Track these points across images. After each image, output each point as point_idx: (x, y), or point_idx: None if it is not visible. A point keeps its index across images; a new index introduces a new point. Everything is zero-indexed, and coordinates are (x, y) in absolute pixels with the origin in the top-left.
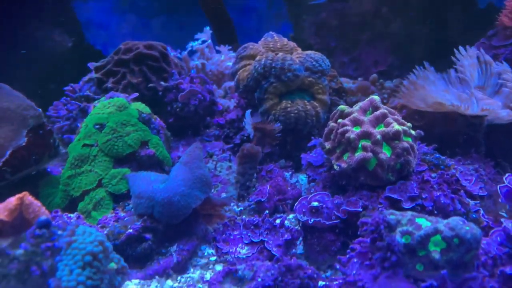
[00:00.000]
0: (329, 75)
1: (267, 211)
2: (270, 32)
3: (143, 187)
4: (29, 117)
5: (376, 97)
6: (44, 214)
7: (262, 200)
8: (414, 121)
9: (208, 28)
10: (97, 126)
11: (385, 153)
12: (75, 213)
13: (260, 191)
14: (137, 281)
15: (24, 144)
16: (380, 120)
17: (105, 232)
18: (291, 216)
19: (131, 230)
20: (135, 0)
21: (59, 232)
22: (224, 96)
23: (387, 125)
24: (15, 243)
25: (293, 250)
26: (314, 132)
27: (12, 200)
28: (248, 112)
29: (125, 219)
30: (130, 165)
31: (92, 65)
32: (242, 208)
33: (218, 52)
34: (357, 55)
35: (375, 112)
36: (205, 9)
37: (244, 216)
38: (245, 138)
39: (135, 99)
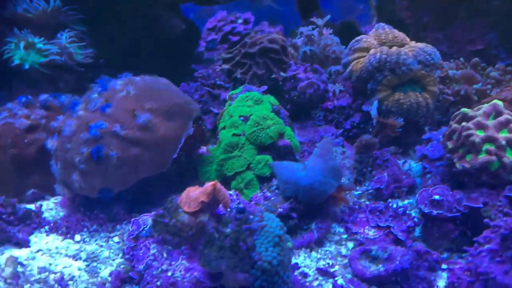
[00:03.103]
0: None
1: (389, 200)
2: (381, 24)
3: (288, 174)
4: (193, 110)
5: (499, 102)
6: (228, 197)
7: (381, 187)
8: None
9: (329, 16)
10: (241, 118)
11: (509, 157)
12: (232, 190)
13: (379, 179)
14: None
15: (191, 133)
16: (504, 125)
17: (262, 209)
18: (406, 202)
19: (281, 210)
20: None
21: (251, 216)
22: (328, 79)
23: (511, 131)
24: (223, 223)
25: (412, 234)
26: (421, 121)
27: (208, 186)
28: (375, 102)
29: (272, 198)
30: (270, 152)
31: (219, 56)
32: (360, 192)
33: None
34: (452, 31)
35: (499, 118)
36: None
37: (363, 200)
38: (355, 124)
39: (264, 91)
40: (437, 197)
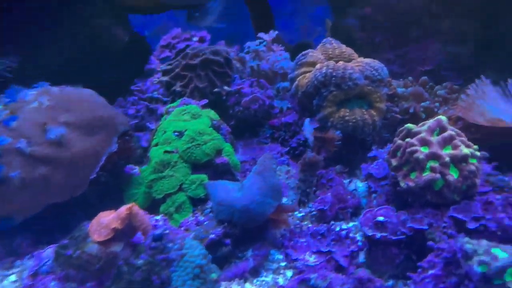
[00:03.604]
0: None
1: (332, 222)
2: (328, 38)
3: (223, 195)
4: (118, 124)
5: (443, 118)
6: (147, 222)
7: (325, 208)
8: (470, 133)
9: (276, 32)
10: (176, 134)
11: (453, 175)
12: (160, 215)
13: (322, 200)
14: None
15: (115, 150)
16: (447, 142)
17: (191, 236)
18: (351, 224)
19: (213, 236)
20: None
21: (170, 244)
22: (276, 96)
23: (455, 147)
24: (136, 254)
25: (356, 260)
26: (368, 139)
27: (123, 210)
28: (307, 120)
29: (205, 223)
30: (206, 171)
31: (158, 66)
32: (303, 213)
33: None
34: (404, 52)
35: (443, 134)
36: None
37: (306, 223)
38: (301, 142)
39: (205, 106)
40: (381, 218)
